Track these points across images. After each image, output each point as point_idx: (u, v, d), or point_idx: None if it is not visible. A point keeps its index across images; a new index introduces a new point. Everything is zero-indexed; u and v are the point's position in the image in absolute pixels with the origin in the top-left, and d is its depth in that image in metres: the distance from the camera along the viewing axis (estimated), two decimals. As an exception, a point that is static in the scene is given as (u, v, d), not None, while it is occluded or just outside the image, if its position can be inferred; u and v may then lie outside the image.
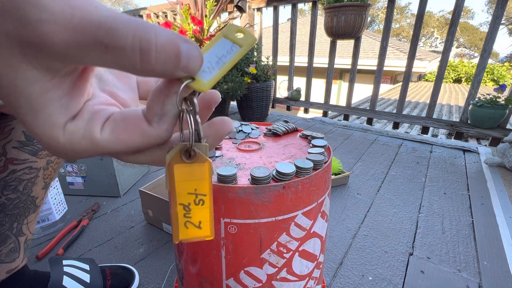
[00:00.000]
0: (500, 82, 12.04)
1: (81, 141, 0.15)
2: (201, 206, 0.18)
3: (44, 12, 0.11)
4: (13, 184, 0.41)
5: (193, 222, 0.19)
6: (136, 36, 0.12)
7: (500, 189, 1.09)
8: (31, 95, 0.13)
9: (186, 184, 0.18)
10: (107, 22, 0.12)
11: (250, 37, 0.17)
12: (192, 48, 0.14)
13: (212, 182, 0.19)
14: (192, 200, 0.18)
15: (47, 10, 0.11)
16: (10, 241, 0.44)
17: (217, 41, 0.17)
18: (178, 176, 0.17)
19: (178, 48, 0.14)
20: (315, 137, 0.51)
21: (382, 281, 0.66)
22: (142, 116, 0.16)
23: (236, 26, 0.18)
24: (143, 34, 0.13)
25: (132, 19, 0.13)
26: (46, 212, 0.80)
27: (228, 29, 0.17)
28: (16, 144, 0.39)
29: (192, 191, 0.18)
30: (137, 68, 0.13)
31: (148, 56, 0.13)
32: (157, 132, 0.16)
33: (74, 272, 0.54)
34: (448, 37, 1.52)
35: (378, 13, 31.61)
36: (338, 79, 8.48)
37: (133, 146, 0.16)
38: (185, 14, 1.96)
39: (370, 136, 1.70)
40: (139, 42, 0.12)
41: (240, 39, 0.17)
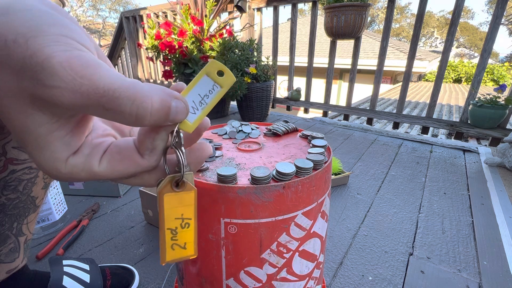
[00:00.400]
0: (500, 82, 12.04)
1: (80, 173, 0.17)
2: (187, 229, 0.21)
3: (57, 80, 0.13)
4: (13, 184, 0.41)
5: (179, 244, 0.21)
6: (134, 105, 0.15)
7: (500, 189, 1.09)
8: (38, 134, 0.15)
9: (174, 210, 0.20)
10: (110, 91, 0.14)
11: (230, 78, 0.19)
12: (180, 104, 0.17)
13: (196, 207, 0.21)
14: (178, 224, 0.20)
15: (60, 79, 0.13)
16: (10, 241, 0.44)
17: (200, 78, 0.19)
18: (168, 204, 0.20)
19: (169, 108, 0.16)
20: (315, 137, 0.51)
21: (382, 281, 0.66)
22: (134, 148, 0.19)
23: (218, 63, 0.19)
24: (140, 103, 0.15)
25: (132, 87, 0.15)
26: (46, 212, 0.80)
27: (210, 67, 0.19)
28: (16, 144, 0.39)
29: (179, 216, 0.20)
30: (132, 124, 0.16)
31: (143, 119, 0.15)
32: (149, 163, 0.19)
33: (74, 272, 0.54)
34: (448, 37, 1.52)
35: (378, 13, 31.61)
36: (338, 79, 8.47)
37: (127, 174, 0.18)
38: (185, 14, 1.96)
39: (370, 136, 1.70)
40: (136, 109, 0.15)
41: (221, 80, 0.19)
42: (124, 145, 0.19)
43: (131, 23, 3.07)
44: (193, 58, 1.92)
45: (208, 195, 0.37)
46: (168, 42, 1.90)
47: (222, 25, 2.10)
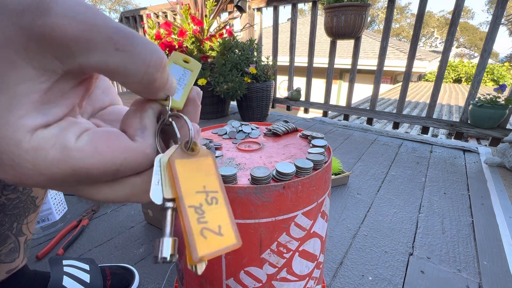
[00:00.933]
0: (500, 82, 12.04)
1: (49, 150, 0.12)
2: (216, 205, 0.16)
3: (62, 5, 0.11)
4: (13, 184, 0.41)
5: (211, 228, 0.15)
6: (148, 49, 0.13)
7: (500, 189, 1.09)
8: (15, 93, 0.12)
9: (192, 181, 0.16)
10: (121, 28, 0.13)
11: (195, 63, 0.19)
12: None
13: (221, 178, 0.17)
14: (203, 199, 0.15)
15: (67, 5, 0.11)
16: (10, 241, 0.44)
17: (169, 66, 0.19)
18: (182, 173, 0.15)
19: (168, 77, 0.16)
20: (315, 137, 0.51)
21: (382, 281, 0.66)
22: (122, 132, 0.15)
23: (180, 54, 0.19)
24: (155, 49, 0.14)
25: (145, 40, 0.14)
26: (46, 212, 0.80)
27: (174, 56, 0.19)
28: None
29: (200, 189, 0.16)
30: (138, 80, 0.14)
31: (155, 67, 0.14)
32: (142, 147, 0.15)
33: (74, 272, 0.54)
34: (448, 37, 1.52)
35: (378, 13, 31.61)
36: (338, 79, 8.47)
37: (113, 163, 0.14)
38: (185, 14, 1.96)
39: (370, 136, 1.70)
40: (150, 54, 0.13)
41: (189, 65, 0.19)
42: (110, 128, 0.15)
43: (131, 23, 3.07)
44: (193, 58, 1.92)
45: (208, 195, 0.37)
46: (168, 42, 1.90)
47: (222, 25, 2.10)
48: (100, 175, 0.14)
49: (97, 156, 0.13)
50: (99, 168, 0.13)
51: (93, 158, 0.13)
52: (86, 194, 0.15)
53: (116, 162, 0.14)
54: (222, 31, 2.03)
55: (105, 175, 0.14)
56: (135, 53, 0.13)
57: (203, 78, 1.84)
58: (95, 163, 0.13)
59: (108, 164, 0.14)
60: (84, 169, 0.13)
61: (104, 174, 0.14)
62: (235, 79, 1.75)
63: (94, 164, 0.13)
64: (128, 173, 0.15)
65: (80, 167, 0.13)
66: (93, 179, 0.14)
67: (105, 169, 0.14)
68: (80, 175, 0.13)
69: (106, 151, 0.14)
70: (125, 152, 0.14)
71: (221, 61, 1.82)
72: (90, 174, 0.13)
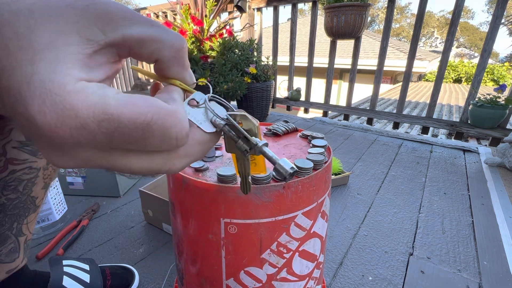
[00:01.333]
0: (500, 82, 12.04)
1: (89, 95, 0.13)
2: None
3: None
4: (13, 184, 0.41)
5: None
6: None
7: (500, 189, 1.09)
8: (63, 51, 0.13)
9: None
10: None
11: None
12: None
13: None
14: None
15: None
16: (10, 241, 0.44)
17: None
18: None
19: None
20: (315, 137, 0.51)
21: (382, 281, 0.66)
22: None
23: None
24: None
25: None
26: (46, 212, 0.80)
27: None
28: (16, 144, 0.39)
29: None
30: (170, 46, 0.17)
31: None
32: (174, 108, 0.16)
33: (74, 272, 0.54)
34: (448, 37, 1.52)
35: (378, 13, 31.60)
36: (338, 79, 8.47)
37: (145, 116, 0.14)
38: (185, 14, 1.96)
39: (370, 136, 1.70)
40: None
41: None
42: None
43: (131, 23, 3.07)
44: (193, 58, 1.92)
45: (208, 195, 0.37)
46: (168, 42, 1.90)
47: (222, 25, 2.10)
48: (131, 129, 0.14)
49: (131, 106, 0.14)
50: (131, 118, 0.14)
51: (127, 107, 0.14)
52: (120, 163, 0.15)
53: (148, 115, 0.14)
54: (222, 31, 2.03)
55: (136, 129, 0.14)
56: (166, 29, 0.16)
57: (203, 78, 1.84)
58: (127, 112, 0.14)
59: (141, 117, 0.14)
60: (116, 116, 0.13)
61: (135, 128, 0.14)
62: (235, 79, 1.75)
63: (126, 113, 0.13)
64: (159, 135, 0.15)
65: (112, 113, 0.13)
66: (125, 135, 0.14)
67: (136, 121, 0.14)
68: (112, 124, 0.13)
69: (140, 103, 0.14)
70: (157, 107, 0.15)
71: (221, 61, 1.82)
72: (121, 124, 0.13)
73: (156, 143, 0.15)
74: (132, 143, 0.14)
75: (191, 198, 0.39)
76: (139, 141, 0.14)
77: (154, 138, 0.15)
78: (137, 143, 0.15)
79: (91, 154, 0.14)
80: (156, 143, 0.15)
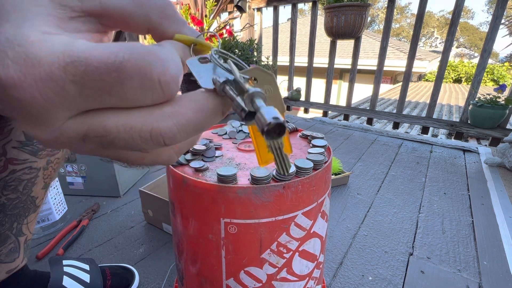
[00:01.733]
0: (500, 82, 12.04)
1: (55, 43, 0.12)
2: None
3: None
4: (13, 184, 0.41)
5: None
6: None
7: (500, 189, 1.09)
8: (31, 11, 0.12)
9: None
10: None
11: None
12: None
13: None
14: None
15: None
16: (10, 241, 0.44)
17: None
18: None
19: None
20: (315, 137, 0.51)
21: (382, 281, 0.66)
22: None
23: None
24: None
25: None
26: (46, 212, 0.80)
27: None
28: (16, 144, 0.39)
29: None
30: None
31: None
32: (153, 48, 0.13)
33: (74, 272, 0.54)
34: (448, 37, 1.52)
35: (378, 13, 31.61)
36: (338, 79, 8.48)
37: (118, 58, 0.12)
38: (185, 14, 1.96)
39: (370, 136, 1.70)
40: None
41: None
42: None
43: (131, 23, 3.07)
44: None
45: (208, 195, 0.37)
46: (168, 42, 1.90)
47: (222, 25, 2.10)
48: (102, 72, 0.12)
49: (101, 48, 0.12)
50: (100, 58, 0.12)
51: (96, 50, 0.12)
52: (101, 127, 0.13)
53: (119, 53, 0.12)
54: (222, 31, 2.03)
55: (107, 71, 0.12)
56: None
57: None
58: (96, 53, 0.12)
59: (111, 56, 0.12)
60: (83, 58, 0.12)
61: (106, 69, 0.12)
62: (235, 79, 1.75)
63: (95, 54, 0.12)
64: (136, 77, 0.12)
65: (79, 55, 0.12)
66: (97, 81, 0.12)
67: (107, 61, 0.12)
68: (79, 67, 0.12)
69: (112, 45, 0.12)
70: (132, 46, 0.12)
71: (221, 61, 1.82)
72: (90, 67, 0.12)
73: (136, 88, 0.13)
74: (108, 93, 0.12)
75: (191, 198, 0.39)
76: (115, 88, 0.12)
77: (132, 81, 0.12)
78: (114, 90, 0.12)
79: (69, 121, 0.13)
80: (135, 88, 0.13)
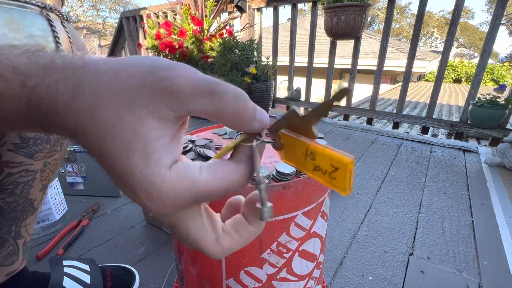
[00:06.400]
0: (500, 82, 12.04)
1: (183, 180, 0.16)
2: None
3: (180, 70, 0.16)
4: (10, 188, 0.41)
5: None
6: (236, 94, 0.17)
7: (500, 189, 1.09)
8: (149, 140, 0.15)
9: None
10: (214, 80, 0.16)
11: None
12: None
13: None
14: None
15: (183, 68, 0.16)
16: (8, 244, 0.44)
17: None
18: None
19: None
20: (315, 137, 0.51)
21: (382, 281, 0.66)
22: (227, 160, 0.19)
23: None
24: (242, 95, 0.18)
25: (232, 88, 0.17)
26: (46, 212, 0.80)
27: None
28: (11, 147, 0.39)
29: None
30: (229, 116, 0.18)
31: (244, 109, 0.18)
32: (244, 170, 0.19)
33: (74, 273, 0.53)
34: (448, 37, 1.52)
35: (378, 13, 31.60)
36: (338, 79, 8.48)
37: (228, 183, 0.18)
38: (185, 14, 1.96)
39: (370, 136, 1.70)
40: (238, 98, 0.17)
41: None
42: (218, 160, 0.19)
43: (131, 23, 3.07)
44: (193, 58, 1.92)
45: (208, 195, 0.37)
46: (168, 42, 1.90)
47: (222, 25, 2.10)
48: (215, 196, 0.18)
49: (217, 181, 0.17)
50: (217, 190, 0.17)
51: (215, 183, 0.17)
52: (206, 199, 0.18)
53: (229, 182, 0.18)
54: (222, 31, 2.03)
55: (218, 195, 0.18)
56: (225, 96, 0.17)
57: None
58: (213, 187, 0.17)
59: (223, 185, 0.18)
60: (206, 193, 0.17)
61: (217, 195, 0.18)
62: (235, 79, 1.75)
63: (213, 188, 0.17)
64: (233, 191, 0.19)
65: (203, 191, 0.17)
66: (209, 199, 0.18)
67: (219, 191, 0.18)
68: (202, 197, 0.17)
69: (222, 176, 0.18)
70: (235, 173, 0.18)
71: (221, 61, 1.82)
72: (209, 196, 0.17)
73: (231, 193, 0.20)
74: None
75: (191, 198, 0.39)
76: (219, 196, 0.18)
77: (230, 192, 0.19)
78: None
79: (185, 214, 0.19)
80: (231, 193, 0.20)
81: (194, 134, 0.56)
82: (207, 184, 0.17)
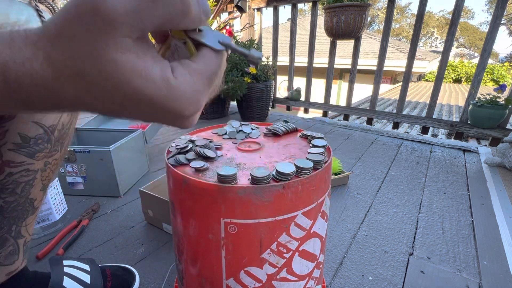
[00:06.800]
0: (500, 82, 12.04)
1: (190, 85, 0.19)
2: None
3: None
4: (10, 187, 0.41)
5: None
6: None
7: (500, 189, 1.09)
8: (140, 61, 0.17)
9: None
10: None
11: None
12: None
13: None
14: None
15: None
16: (9, 244, 0.44)
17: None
18: None
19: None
20: (315, 137, 0.51)
21: (382, 281, 0.66)
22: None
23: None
24: None
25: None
26: (46, 212, 0.80)
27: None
28: (12, 146, 0.39)
29: None
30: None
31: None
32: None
33: (75, 272, 0.53)
34: (448, 37, 1.52)
35: (378, 13, 31.60)
36: (338, 79, 8.47)
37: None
38: (185, 14, 1.96)
39: (370, 136, 1.70)
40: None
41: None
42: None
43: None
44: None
45: (208, 195, 0.37)
46: (168, 42, 1.90)
47: (222, 25, 2.10)
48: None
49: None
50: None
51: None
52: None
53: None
54: (222, 31, 2.03)
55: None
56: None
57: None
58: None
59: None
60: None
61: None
62: (235, 79, 1.75)
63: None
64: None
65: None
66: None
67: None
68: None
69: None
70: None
71: (221, 61, 1.82)
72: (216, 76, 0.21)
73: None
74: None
75: (191, 198, 0.39)
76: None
77: None
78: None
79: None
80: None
81: (194, 134, 0.56)
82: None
